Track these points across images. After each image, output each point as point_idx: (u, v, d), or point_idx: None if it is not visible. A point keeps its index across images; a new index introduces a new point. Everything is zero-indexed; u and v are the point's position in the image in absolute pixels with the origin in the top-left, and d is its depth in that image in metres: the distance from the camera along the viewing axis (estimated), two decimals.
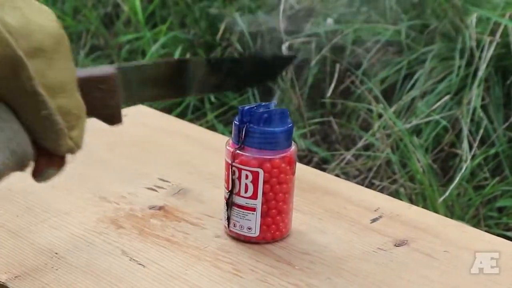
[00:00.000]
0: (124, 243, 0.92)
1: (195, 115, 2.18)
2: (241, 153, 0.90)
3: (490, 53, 1.91)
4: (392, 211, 0.99)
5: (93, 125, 1.26)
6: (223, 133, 1.94)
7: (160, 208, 1.00)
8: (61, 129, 0.68)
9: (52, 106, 0.66)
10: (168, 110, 2.10)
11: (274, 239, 0.92)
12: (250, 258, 0.90)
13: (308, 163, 1.96)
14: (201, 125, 2.03)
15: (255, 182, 0.90)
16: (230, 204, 0.92)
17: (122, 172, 1.09)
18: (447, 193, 1.73)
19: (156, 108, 1.38)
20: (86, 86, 0.73)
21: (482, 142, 1.86)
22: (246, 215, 0.91)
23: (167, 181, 1.06)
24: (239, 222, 0.92)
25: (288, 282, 0.86)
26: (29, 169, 0.69)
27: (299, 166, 1.17)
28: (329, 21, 2.15)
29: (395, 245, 0.92)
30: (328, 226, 0.96)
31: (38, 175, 0.70)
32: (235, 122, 0.91)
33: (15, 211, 0.98)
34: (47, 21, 0.67)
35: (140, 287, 0.85)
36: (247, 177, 0.90)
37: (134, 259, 0.89)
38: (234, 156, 0.91)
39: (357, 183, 1.83)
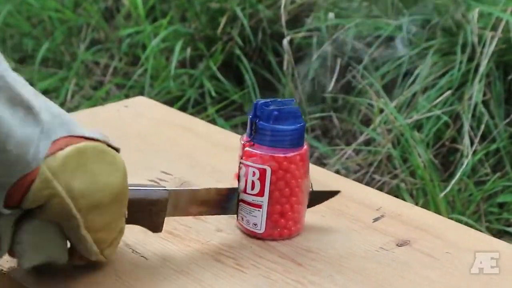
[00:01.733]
0: (127, 235, 0.92)
1: (195, 109, 2.18)
2: (250, 149, 0.90)
3: (492, 48, 1.91)
4: (395, 210, 0.99)
5: (95, 117, 1.26)
6: (223, 127, 1.94)
7: None
8: (95, 251, 0.82)
9: (91, 239, 0.81)
10: (169, 104, 2.10)
11: (281, 237, 0.92)
12: (253, 253, 0.90)
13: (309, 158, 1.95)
14: (201, 119, 2.03)
15: (262, 179, 0.90)
16: (237, 199, 0.92)
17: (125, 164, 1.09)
18: (448, 189, 1.72)
19: (158, 101, 1.38)
20: (138, 205, 0.86)
21: (483, 137, 1.86)
22: (252, 211, 0.91)
23: (169, 174, 1.06)
24: (245, 217, 0.92)
25: (291, 279, 0.86)
26: None
27: None
28: (331, 15, 2.15)
29: (397, 244, 0.92)
30: (330, 224, 0.96)
31: (72, 264, 0.84)
32: (249, 116, 0.90)
33: None
34: (113, 178, 0.81)
35: (142, 280, 0.85)
36: (254, 174, 0.90)
37: (136, 252, 0.89)
38: (243, 152, 0.90)
39: (358, 178, 1.83)
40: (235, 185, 0.92)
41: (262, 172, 0.89)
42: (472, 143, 1.84)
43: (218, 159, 1.11)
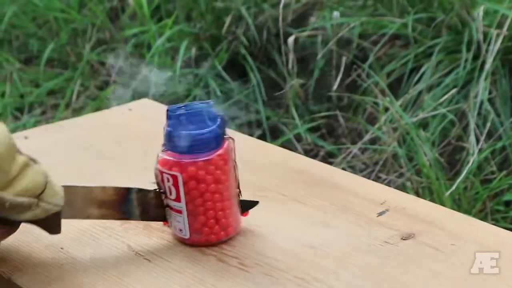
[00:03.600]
0: (129, 237, 0.92)
1: None
2: (162, 155, 0.89)
3: (497, 46, 1.90)
4: (399, 204, 0.98)
5: (100, 119, 1.26)
6: (228, 127, 1.94)
7: None
8: (26, 205, 0.81)
9: (11, 196, 0.80)
10: (174, 103, 2.10)
11: (209, 242, 0.90)
12: (256, 252, 0.90)
13: (314, 157, 1.96)
14: None
15: (175, 185, 0.88)
16: (164, 205, 0.90)
17: (128, 166, 1.09)
18: (454, 187, 1.72)
19: (161, 102, 1.38)
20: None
21: (489, 135, 1.86)
22: (176, 217, 0.89)
23: None
24: (172, 223, 0.90)
25: (294, 276, 0.85)
26: None
27: (305, 160, 1.17)
28: (336, 14, 2.14)
29: (401, 238, 0.92)
30: (334, 219, 0.96)
31: None
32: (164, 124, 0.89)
33: None
34: None
35: (145, 282, 0.85)
36: (168, 180, 0.88)
37: (139, 254, 0.89)
38: (157, 158, 0.89)
39: (364, 176, 1.82)
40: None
41: (174, 178, 0.88)
42: (478, 141, 1.83)
43: None
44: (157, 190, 0.90)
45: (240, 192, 0.92)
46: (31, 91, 2.40)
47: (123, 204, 0.89)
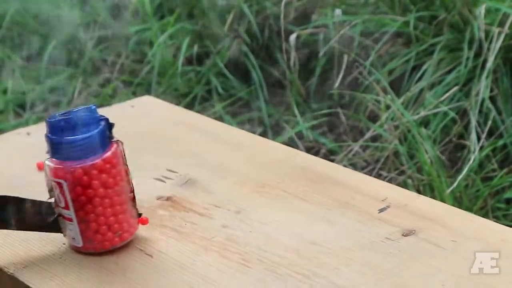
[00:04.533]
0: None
1: (202, 106, 2.18)
2: (48, 163, 0.87)
3: (499, 44, 1.90)
4: (400, 201, 0.99)
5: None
6: (230, 124, 1.94)
7: (168, 198, 1.00)
8: None
9: None
10: (176, 101, 2.10)
11: (104, 248, 0.89)
12: (258, 248, 0.90)
13: (315, 154, 1.96)
14: (208, 116, 2.03)
15: (62, 192, 0.87)
16: (58, 214, 0.89)
17: (130, 163, 1.09)
18: (455, 184, 1.72)
19: (163, 99, 1.38)
20: None
21: (490, 133, 1.86)
22: (68, 225, 0.88)
23: (174, 172, 1.06)
24: (67, 232, 0.89)
25: (296, 272, 0.86)
26: None
27: (307, 157, 1.17)
28: (337, 12, 2.14)
29: (402, 235, 0.92)
30: (336, 216, 0.96)
31: None
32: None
33: None
34: None
35: (148, 278, 0.85)
36: (56, 188, 0.87)
37: (141, 250, 0.90)
38: (44, 166, 0.88)
39: (365, 174, 1.82)
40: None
41: (60, 186, 0.86)
42: (479, 139, 1.83)
43: (224, 156, 1.11)
44: (34, 200, 0.88)
45: (134, 196, 0.90)
46: (33, 88, 2.40)
47: (0, 212, 0.87)
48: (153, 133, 1.19)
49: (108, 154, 0.88)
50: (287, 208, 0.98)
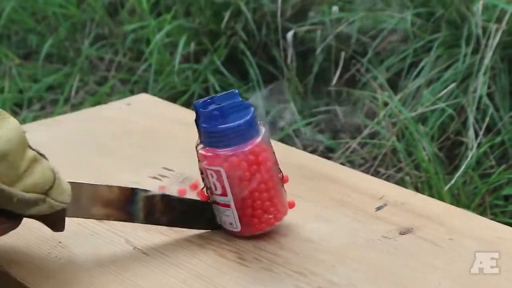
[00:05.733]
0: (128, 232, 0.92)
1: None
2: (202, 152, 0.89)
3: (496, 40, 1.90)
4: (397, 199, 0.99)
5: (99, 114, 1.26)
6: None
7: None
8: (33, 201, 0.80)
9: (19, 191, 0.80)
10: (172, 99, 2.10)
11: (260, 231, 0.90)
12: (255, 246, 0.90)
13: (313, 152, 1.95)
14: None
15: (220, 180, 0.88)
16: (211, 202, 0.90)
17: (127, 161, 1.09)
18: (452, 181, 1.72)
19: (161, 97, 1.38)
20: None
21: (488, 130, 1.85)
22: (224, 211, 0.90)
23: (171, 170, 1.06)
24: (222, 218, 0.91)
25: (292, 270, 0.85)
26: None
27: (304, 154, 1.17)
28: (335, 9, 2.14)
29: (400, 233, 0.92)
30: (333, 214, 0.96)
31: None
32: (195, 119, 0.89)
33: None
34: (5, 130, 0.80)
35: (144, 276, 0.85)
36: (212, 175, 0.88)
37: (138, 248, 0.89)
38: (198, 155, 0.89)
39: (363, 171, 1.82)
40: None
41: (218, 173, 0.88)
42: (477, 136, 1.83)
43: None
44: (164, 194, 0.91)
45: (283, 176, 0.92)
46: (30, 86, 2.40)
47: (128, 204, 0.89)
48: (149, 131, 1.19)
49: (259, 138, 0.89)
50: None
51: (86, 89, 2.35)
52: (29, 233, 0.91)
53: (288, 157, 1.10)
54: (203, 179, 0.90)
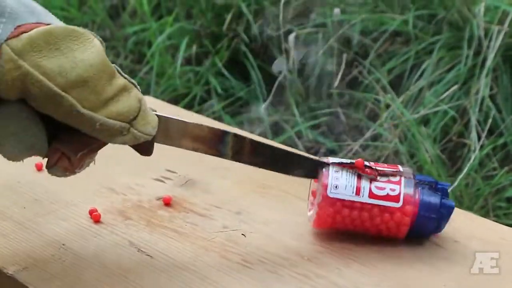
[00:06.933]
0: (131, 234, 0.92)
1: (201, 106, 2.17)
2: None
3: (498, 42, 1.90)
4: None
5: None
6: (229, 124, 1.94)
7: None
8: (117, 129, 0.80)
9: (102, 117, 0.78)
10: (174, 101, 2.10)
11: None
12: (258, 249, 0.89)
13: (315, 154, 1.95)
14: (208, 116, 2.02)
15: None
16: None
17: (130, 163, 1.08)
18: (455, 183, 1.72)
19: (162, 100, 1.37)
20: None
21: (491, 132, 1.85)
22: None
23: (174, 172, 1.06)
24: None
25: (297, 273, 0.85)
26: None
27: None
28: (336, 11, 2.14)
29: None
30: None
31: (49, 169, 0.82)
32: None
33: (22, 202, 0.98)
34: (88, 53, 0.78)
35: (148, 278, 0.84)
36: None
37: (141, 250, 0.89)
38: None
39: None
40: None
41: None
42: (479, 138, 1.83)
43: None
44: (254, 140, 0.90)
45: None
46: None
47: (218, 143, 0.89)
48: None
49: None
50: (287, 208, 0.98)
51: None
52: (33, 236, 0.91)
53: None
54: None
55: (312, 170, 0.91)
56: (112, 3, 2.57)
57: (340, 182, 0.89)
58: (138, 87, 0.84)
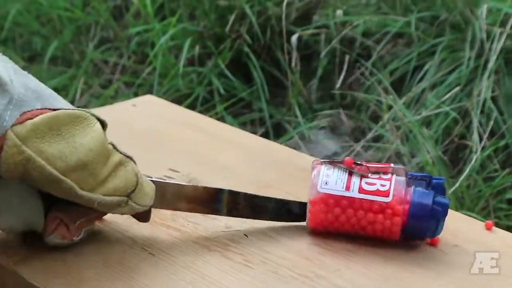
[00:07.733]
0: (134, 232, 0.92)
1: (204, 106, 2.18)
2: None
3: (500, 44, 1.90)
4: None
5: (104, 115, 1.26)
6: (231, 125, 1.94)
7: None
8: (115, 203, 0.84)
9: (100, 195, 0.82)
10: (178, 102, 2.10)
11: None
12: (261, 249, 0.90)
13: (317, 155, 1.96)
14: (210, 116, 2.03)
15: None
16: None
17: None
18: (457, 185, 1.72)
19: (166, 99, 1.38)
20: None
21: (492, 133, 1.86)
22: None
23: (177, 171, 1.06)
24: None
25: (298, 274, 0.86)
26: None
27: (309, 158, 1.17)
28: (339, 12, 2.15)
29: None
30: None
31: (47, 237, 0.86)
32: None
33: None
34: (88, 138, 0.81)
35: (150, 277, 0.85)
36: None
37: (144, 249, 0.90)
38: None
39: None
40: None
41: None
42: (481, 139, 1.83)
43: (226, 157, 1.11)
44: (246, 193, 0.93)
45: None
46: None
47: (213, 202, 0.92)
48: (155, 132, 1.19)
49: None
50: None
51: (91, 92, 2.35)
52: (36, 234, 0.92)
53: (293, 160, 1.11)
54: None
55: (303, 213, 0.92)
56: (115, 4, 2.57)
57: (330, 179, 0.90)
58: (134, 160, 0.87)
